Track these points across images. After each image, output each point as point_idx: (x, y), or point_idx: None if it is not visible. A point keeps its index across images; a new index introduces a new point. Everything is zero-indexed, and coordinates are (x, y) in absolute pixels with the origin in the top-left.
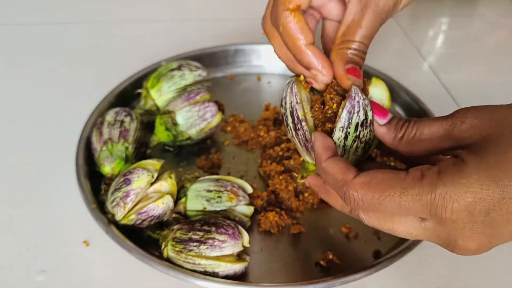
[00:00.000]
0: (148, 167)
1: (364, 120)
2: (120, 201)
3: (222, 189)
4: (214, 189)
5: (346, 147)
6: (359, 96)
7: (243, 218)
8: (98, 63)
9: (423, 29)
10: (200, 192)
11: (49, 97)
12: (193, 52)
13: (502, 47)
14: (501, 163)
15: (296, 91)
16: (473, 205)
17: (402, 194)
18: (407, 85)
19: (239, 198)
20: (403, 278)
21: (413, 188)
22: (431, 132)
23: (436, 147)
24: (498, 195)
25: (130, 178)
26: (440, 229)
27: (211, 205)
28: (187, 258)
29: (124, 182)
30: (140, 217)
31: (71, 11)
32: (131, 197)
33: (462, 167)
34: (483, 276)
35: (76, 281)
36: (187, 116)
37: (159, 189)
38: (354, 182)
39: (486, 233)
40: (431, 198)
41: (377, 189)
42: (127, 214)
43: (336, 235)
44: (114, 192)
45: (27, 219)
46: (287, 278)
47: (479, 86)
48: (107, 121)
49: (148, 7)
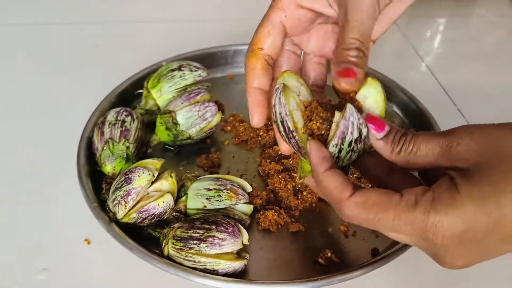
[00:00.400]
0: (149, 166)
1: (358, 137)
2: (121, 200)
3: (222, 188)
4: (214, 187)
5: (340, 157)
6: (353, 116)
7: (243, 216)
8: (99, 63)
9: (421, 29)
10: (200, 191)
11: (51, 97)
12: (193, 53)
13: (500, 47)
14: (495, 193)
15: (284, 102)
16: (464, 234)
17: (396, 218)
18: (405, 85)
19: (239, 196)
20: (401, 276)
21: (406, 214)
22: (428, 149)
23: (432, 164)
24: (490, 226)
25: (131, 177)
26: (429, 247)
27: (211, 203)
28: (187, 256)
29: (125, 181)
30: (141, 216)
31: (72, 11)
32: (132, 196)
33: (455, 195)
34: (482, 274)
35: (77, 279)
36: (187, 116)
37: (160, 188)
38: (350, 202)
39: (474, 255)
40: (424, 225)
41: (371, 211)
42: (128, 213)
43: (335, 233)
44: (115, 191)
45: (28, 218)
46: (286, 276)
47: (477, 86)
48: (108, 121)
49: (148, 7)
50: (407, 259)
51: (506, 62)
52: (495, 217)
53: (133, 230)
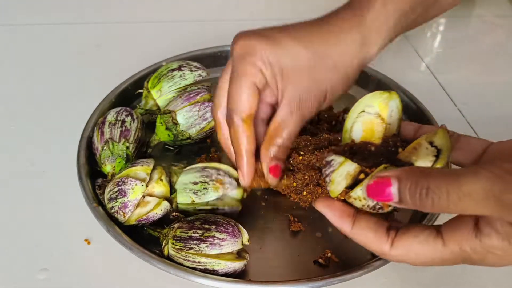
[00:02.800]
0: (140, 174)
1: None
2: (119, 210)
3: (208, 179)
4: (200, 180)
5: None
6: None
7: (233, 205)
8: (99, 63)
9: (421, 29)
10: (187, 185)
11: (51, 97)
12: (193, 53)
13: (499, 47)
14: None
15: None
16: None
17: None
18: (405, 85)
19: (225, 186)
20: (400, 276)
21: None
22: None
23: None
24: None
25: (125, 189)
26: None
27: (198, 197)
28: (187, 256)
29: (119, 192)
30: (141, 222)
31: (72, 11)
32: (129, 208)
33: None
34: (482, 273)
35: (78, 279)
36: (187, 116)
37: (153, 191)
38: (392, 255)
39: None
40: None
41: (416, 263)
42: (128, 220)
43: (335, 234)
44: (111, 200)
45: (28, 218)
46: (286, 276)
47: (477, 86)
48: (108, 120)
49: (148, 8)
50: None
51: (505, 62)
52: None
53: (133, 230)
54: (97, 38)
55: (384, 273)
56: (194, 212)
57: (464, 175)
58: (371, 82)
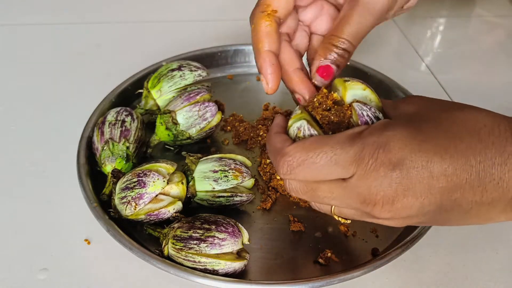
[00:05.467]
0: (162, 170)
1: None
2: (131, 201)
3: (227, 168)
4: (219, 169)
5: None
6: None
7: (249, 192)
8: (99, 63)
9: (421, 29)
10: (207, 174)
11: (51, 97)
12: (193, 53)
13: (499, 47)
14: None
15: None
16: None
17: (334, 147)
18: (405, 85)
19: (243, 174)
20: (401, 276)
21: (344, 142)
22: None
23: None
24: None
25: (145, 181)
26: (361, 184)
27: (219, 185)
28: (187, 256)
29: (138, 183)
30: (149, 218)
31: (72, 11)
32: (144, 200)
33: (389, 124)
34: (480, 273)
35: (77, 279)
36: (187, 116)
37: (169, 191)
38: (289, 147)
39: (403, 185)
40: (360, 148)
41: (310, 148)
42: (136, 212)
43: (335, 233)
44: (125, 190)
45: (29, 218)
46: (286, 276)
47: (477, 86)
48: (108, 120)
49: (148, 8)
50: (407, 259)
51: (505, 62)
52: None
53: (133, 230)
54: (97, 38)
55: (384, 273)
56: (213, 200)
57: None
58: (371, 82)
